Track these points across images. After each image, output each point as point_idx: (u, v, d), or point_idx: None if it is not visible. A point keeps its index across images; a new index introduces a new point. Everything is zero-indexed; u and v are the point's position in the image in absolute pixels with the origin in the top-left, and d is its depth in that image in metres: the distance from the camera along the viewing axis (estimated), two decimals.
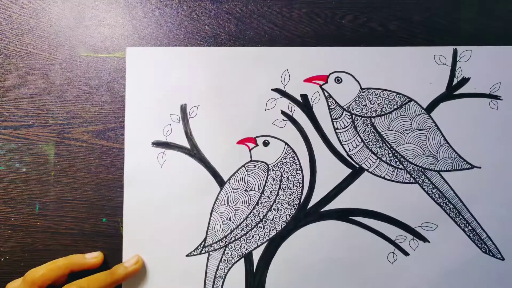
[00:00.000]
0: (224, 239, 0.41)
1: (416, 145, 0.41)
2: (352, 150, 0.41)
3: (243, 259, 0.41)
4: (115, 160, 0.42)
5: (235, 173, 0.41)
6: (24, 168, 0.42)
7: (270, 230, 0.41)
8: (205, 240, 0.41)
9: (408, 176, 0.41)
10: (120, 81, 0.42)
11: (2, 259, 0.41)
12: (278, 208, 0.41)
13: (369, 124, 0.41)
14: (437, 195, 0.41)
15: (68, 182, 0.41)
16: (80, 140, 0.42)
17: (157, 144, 0.41)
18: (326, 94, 0.41)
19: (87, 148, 0.42)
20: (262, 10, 0.42)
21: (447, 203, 0.41)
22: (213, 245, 0.41)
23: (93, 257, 0.40)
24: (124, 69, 0.42)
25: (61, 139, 0.42)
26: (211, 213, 0.41)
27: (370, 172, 0.41)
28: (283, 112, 0.41)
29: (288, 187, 0.41)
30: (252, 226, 0.41)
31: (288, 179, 0.41)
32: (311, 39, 0.42)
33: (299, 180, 0.41)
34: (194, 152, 0.41)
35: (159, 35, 0.42)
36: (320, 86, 0.41)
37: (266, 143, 0.41)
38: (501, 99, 0.41)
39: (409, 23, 0.42)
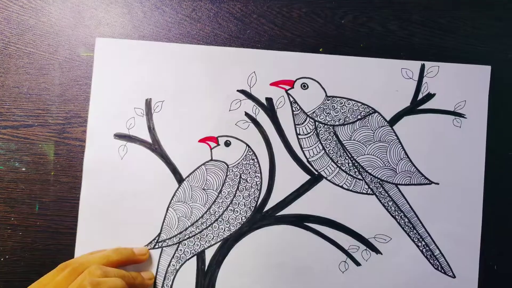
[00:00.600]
0: (178, 235, 0.41)
1: (376, 156, 0.41)
2: (312, 157, 0.41)
3: (195, 257, 0.41)
4: None
5: (194, 171, 0.41)
6: (24, 167, 0.42)
7: (224, 230, 0.41)
8: (159, 235, 0.41)
9: (366, 187, 0.41)
10: None
11: (2, 259, 0.41)
12: (234, 209, 0.41)
13: (331, 132, 0.41)
14: (393, 208, 0.41)
15: (68, 182, 0.41)
16: (80, 140, 0.42)
17: (119, 136, 0.41)
18: (291, 99, 0.41)
19: None
20: (262, 9, 0.42)
21: (403, 216, 0.41)
22: (167, 240, 0.41)
23: (142, 253, 0.40)
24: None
25: (61, 139, 0.42)
26: (167, 209, 0.41)
27: (329, 180, 0.41)
28: (247, 114, 0.41)
29: (246, 189, 0.41)
30: (207, 225, 0.41)
31: (247, 181, 0.41)
32: (311, 39, 0.42)
33: (258, 182, 0.41)
34: (155, 147, 0.41)
35: (159, 34, 0.42)
36: (286, 90, 0.41)
37: (227, 143, 0.41)
38: (465, 117, 0.41)
39: (409, 23, 0.42)
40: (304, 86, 0.41)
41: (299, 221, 0.41)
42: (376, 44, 0.42)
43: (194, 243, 0.41)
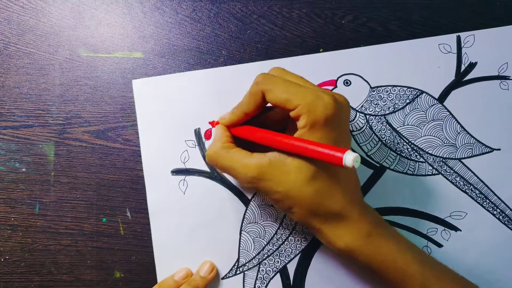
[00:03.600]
0: (257, 256, 0.40)
1: (434, 136, 0.41)
2: (371, 150, 0.41)
3: (278, 274, 0.40)
4: (115, 160, 0.42)
5: None
6: (24, 168, 0.42)
7: (301, 241, 0.40)
8: (238, 260, 0.40)
9: (430, 168, 0.41)
10: (120, 81, 0.42)
11: (2, 259, 0.41)
12: None
13: (384, 122, 0.41)
14: (461, 183, 0.40)
15: (68, 182, 0.41)
16: (80, 140, 0.42)
17: (177, 172, 0.41)
18: None
19: (87, 148, 0.42)
20: (262, 10, 0.42)
21: (473, 189, 0.40)
22: (247, 264, 0.40)
23: (183, 277, 0.39)
24: (123, 69, 0.42)
25: (61, 139, 0.42)
26: (240, 233, 0.40)
27: (392, 170, 0.41)
28: None
29: None
30: (283, 240, 0.40)
31: None
32: (311, 39, 0.42)
33: None
34: (214, 174, 0.41)
35: (159, 35, 0.42)
36: (330, 91, 0.41)
37: None
38: (511, 79, 0.41)
39: (409, 23, 0.42)
40: (347, 83, 0.41)
41: None
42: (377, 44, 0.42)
43: (274, 261, 0.40)
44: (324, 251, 0.40)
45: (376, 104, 0.41)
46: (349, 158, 0.26)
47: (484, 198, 0.40)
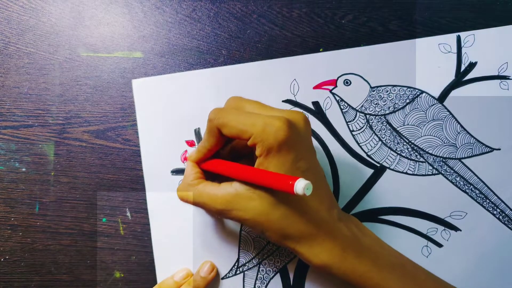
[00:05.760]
0: (257, 256, 0.40)
1: (434, 135, 0.41)
2: (371, 150, 0.41)
3: (278, 274, 0.40)
4: (115, 160, 0.42)
5: None
6: (24, 168, 0.42)
7: None
8: (238, 260, 0.40)
9: (430, 167, 0.41)
10: (120, 81, 0.42)
11: (2, 259, 0.41)
12: None
13: (384, 122, 0.41)
14: (461, 183, 0.40)
15: (68, 182, 0.41)
16: (80, 140, 0.42)
17: (177, 171, 0.41)
18: (337, 98, 0.41)
19: (87, 148, 0.42)
20: (262, 9, 0.42)
21: (473, 189, 0.40)
22: (247, 264, 0.40)
23: (183, 278, 0.39)
24: (123, 69, 0.42)
25: (61, 139, 0.42)
26: (240, 233, 0.40)
27: (392, 169, 0.41)
28: None
29: None
30: None
31: None
32: (311, 39, 0.42)
33: None
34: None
35: (159, 34, 0.42)
36: (330, 91, 0.41)
37: None
38: (511, 79, 0.41)
39: (409, 23, 0.42)
40: (347, 83, 0.41)
41: (373, 215, 0.40)
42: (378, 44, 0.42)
43: (274, 261, 0.40)
44: None
45: (376, 104, 0.41)
46: (300, 186, 0.26)
47: (484, 198, 0.40)
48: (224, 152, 0.36)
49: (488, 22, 0.42)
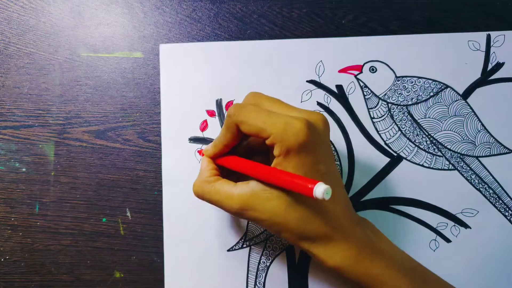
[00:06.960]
0: (265, 232, 0.40)
1: (454, 131, 0.41)
2: (389, 139, 0.41)
3: (284, 252, 0.40)
4: (115, 160, 0.42)
5: None
6: (24, 168, 0.42)
7: None
8: (245, 234, 0.40)
9: (447, 162, 0.41)
10: (120, 81, 0.42)
11: (2, 259, 0.41)
12: None
13: (405, 113, 0.41)
14: (476, 181, 0.40)
15: (68, 182, 0.41)
16: (80, 140, 0.42)
17: (194, 139, 0.41)
18: (361, 84, 0.41)
19: (87, 148, 0.42)
20: (262, 10, 0.42)
21: (487, 188, 0.40)
22: (254, 238, 0.40)
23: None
24: (123, 69, 0.42)
25: (61, 139, 0.42)
26: None
27: (409, 160, 0.41)
28: (319, 103, 0.41)
29: None
30: None
31: None
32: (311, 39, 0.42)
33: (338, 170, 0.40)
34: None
35: (159, 35, 0.42)
36: (355, 76, 0.41)
37: None
38: None
39: (409, 23, 0.42)
40: (373, 70, 0.41)
41: (384, 204, 0.40)
42: None
43: (281, 238, 0.40)
44: None
45: (399, 93, 0.41)
46: (319, 191, 0.26)
47: (497, 198, 0.40)
48: (239, 148, 0.36)
49: (488, 22, 0.42)
